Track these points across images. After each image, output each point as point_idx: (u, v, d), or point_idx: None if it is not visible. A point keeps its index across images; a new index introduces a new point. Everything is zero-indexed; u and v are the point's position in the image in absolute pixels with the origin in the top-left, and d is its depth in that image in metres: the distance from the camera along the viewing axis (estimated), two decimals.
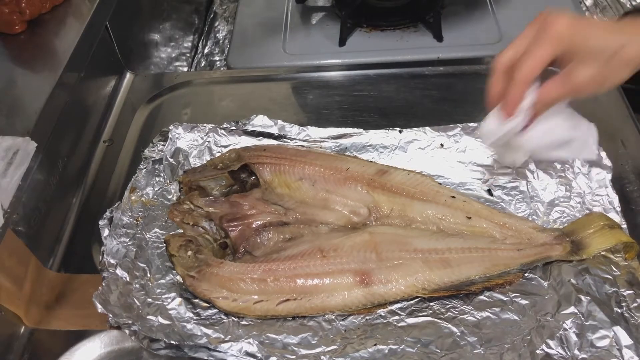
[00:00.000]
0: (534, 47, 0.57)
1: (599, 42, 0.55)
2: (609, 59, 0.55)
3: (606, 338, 0.55)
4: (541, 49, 0.56)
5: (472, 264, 0.62)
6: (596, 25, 0.57)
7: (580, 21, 0.56)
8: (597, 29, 0.56)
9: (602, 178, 0.68)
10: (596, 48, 0.55)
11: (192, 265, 0.63)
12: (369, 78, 0.91)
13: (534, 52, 0.57)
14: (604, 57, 0.55)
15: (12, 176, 0.62)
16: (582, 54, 0.56)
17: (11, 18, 0.77)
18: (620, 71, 0.57)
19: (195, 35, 1.19)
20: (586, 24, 0.56)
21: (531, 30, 0.58)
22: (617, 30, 0.57)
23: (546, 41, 0.56)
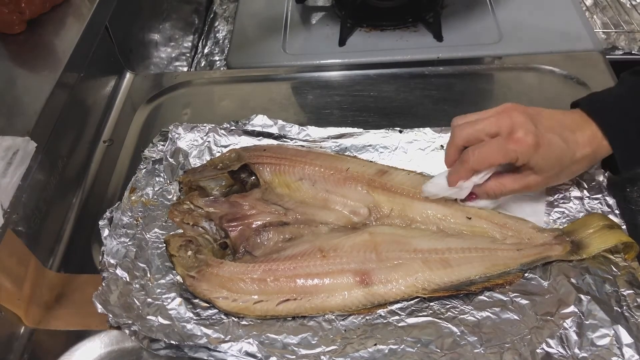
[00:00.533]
0: (490, 149, 0.60)
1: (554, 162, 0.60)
2: (559, 172, 0.62)
3: (606, 337, 0.55)
4: (495, 156, 0.60)
5: (472, 264, 0.62)
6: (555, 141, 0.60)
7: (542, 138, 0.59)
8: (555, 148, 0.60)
9: (602, 179, 0.68)
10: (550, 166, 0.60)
11: (192, 265, 0.63)
12: (369, 78, 0.91)
13: (488, 155, 0.60)
14: (554, 172, 0.61)
15: (12, 176, 0.62)
16: (537, 169, 0.60)
17: (11, 18, 0.77)
18: (565, 178, 0.65)
19: (195, 35, 1.19)
20: (547, 142, 0.59)
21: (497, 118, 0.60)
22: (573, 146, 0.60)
23: (503, 152, 0.59)
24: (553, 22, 0.99)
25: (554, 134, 0.60)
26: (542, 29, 0.98)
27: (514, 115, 0.59)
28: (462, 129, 0.62)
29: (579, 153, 0.61)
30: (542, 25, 0.99)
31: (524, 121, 0.59)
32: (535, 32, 0.98)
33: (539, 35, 0.97)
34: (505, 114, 0.60)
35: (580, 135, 0.61)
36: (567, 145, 0.60)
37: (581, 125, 0.62)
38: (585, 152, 0.61)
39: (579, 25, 0.98)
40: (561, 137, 0.60)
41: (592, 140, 0.61)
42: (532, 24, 1.00)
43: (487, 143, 0.60)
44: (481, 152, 0.60)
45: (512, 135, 0.59)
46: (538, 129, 0.59)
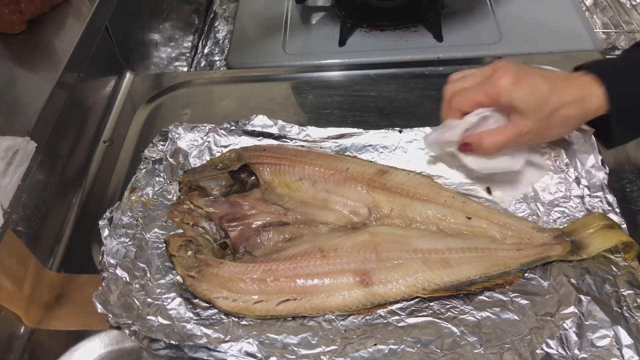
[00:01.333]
0: (472, 90, 0.63)
1: (539, 99, 0.60)
2: (549, 115, 0.61)
3: (606, 337, 0.55)
4: (477, 95, 0.63)
5: (472, 264, 0.62)
6: (539, 82, 0.60)
7: (525, 77, 0.60)
8: (539, 87, 0.60)
9: (602, 178, 0.68)
10: (535, 104, 0.60)
11: (192, 265, 0.63)
12: (369, 78, 0.91)
13: (470, 94, 0.64)
14: (543, 114, 0.61)
15: (12, 176, 0.62)
16: (522, 109, 0.61)
17: (11, 18, 0.77)
18: (559, 127, 0.63)
19: (195, 35, 1.19)
20: (530, 82, 0.60)
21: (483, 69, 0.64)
22: (559, 88, 0.60)
23: (483, 91, 0.62)
24: (553, 22, 0.99)
25: (539, 76, 0.61)
26: (542, 29, 0.98)
27: (499, 62, 0.62)
28: (451, 84, 0.66)
29: (566, 94, 0.60)
30: (542, 25, 0.99)
31: (506, 64, 0.61)
32: (535, 32, 0.98)
33: (538, 35, 0.97)
34: (491, 65, 0.63)
35: (571, 80, 0.61)
36: (552, 86, 0.60)
37: (576, 76, 0.62)
38: (574, 95, 0.60)
39: (579, 25, 0.98)
40: (546, 78, 0.61)
41: (583, 86, 0.61)
42: (532, 24, 0.99)
43: (472, 87, 0.64)
44: (463, 92, 0.64)
45: (493, 75, 0.61)
46: (520, 70, 0.61)
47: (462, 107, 0.64)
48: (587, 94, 0.61)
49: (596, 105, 0.61)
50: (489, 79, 0.62)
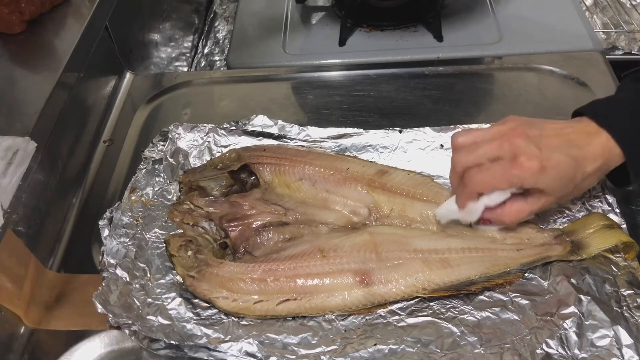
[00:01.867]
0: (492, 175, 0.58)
1: (565, 182, 0.58)
2: (572, 191, 0.60)
3: (606, 337, 0.55)
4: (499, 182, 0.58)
5: (472, 264, 0.62)
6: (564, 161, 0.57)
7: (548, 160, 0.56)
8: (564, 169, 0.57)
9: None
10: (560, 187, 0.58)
11: (192, 265, 0.63)
12: (369, 78, 0.91)
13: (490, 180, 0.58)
14: (568, 190, 0.59)
15: (12, 176, 0.62)
16: (547, 191, 0.58)
17: (11, 18, 0.77)
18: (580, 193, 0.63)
19: (195, 35, 1.19)
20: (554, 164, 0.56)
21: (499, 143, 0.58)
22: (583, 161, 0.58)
23: (507, 179, 0.57)
24: (553, 22, 0.99)
25: (561, 153, 0.57)
26: (542, 29, 0.98)
27: (516, 140, 0.57)
28: (462, 154, 0.60)
29: (589, 167, 0.59)
30: (542, 25, 0.99)
31: (527, 145, 0.56)
32: (535, 32, 0.98)
33: (539, 35, 0.97)
34: (506, 138, 0.57)
35: (588, 149, 0.59)
36: (576, 163, 0.58)
37: (589, 137, 0.59)
38: (597, 165, 0.59)
39: (579, 25, 0.98)
40: (569, 156, 0.57)
41: (603, 151, 0.59)
42: (532, 24, 0.99)
43: (489, 167, 0.58)
44: (483, 176, 0.58)
45: (516, 160, 0.56)
46: (543, 152, 0.56)
47: (479, 190, 0.59)
48: (608, 158, 0.59)
49: (615, 165, 0.60)
50: (512, 164, 0.56)
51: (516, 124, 0.59)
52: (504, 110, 0.82)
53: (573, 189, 0.60)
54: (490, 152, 0.58)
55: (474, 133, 0.60)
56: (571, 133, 0.59)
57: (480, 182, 0.58)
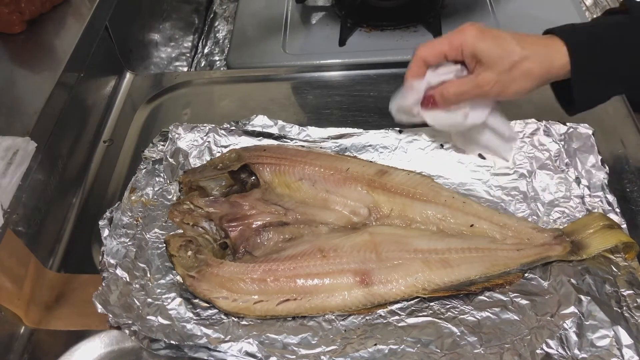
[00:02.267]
0: (438, 40, 0.65)
1: (501, 51, 0.61)
2: (511, 67, 0.61)
3: (606, 337, 0.55)
4: (442, 45, 0.64)
5: (472, 264, 0.62)
6: (504, 36, 0.62)
7: (489, 32, 0.62)
8: (503, 40, 0.61)
9: (602, 178, 0.68)
10: (498, 56, 0.61)
11: (192, 265, 0.63)
12: (369, 78, 0.91)
13: (435, 44, 0.65)
14: (505, 65, 0.61)
15: (12, 176, 0.62)
16: (485, 60, 0.62)
17: (11, 18, 0.77)
18: (521, 81, 0.63)
19: (195, 35, 1.19)
20: (494, 35, 0.62)
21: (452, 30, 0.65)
22: (523, 43, 0.62)
23: (448, 40, 0.63)
24: (553, 22, 0.98)
25: (505, 33, 0.62)
26: (542, 29, 0.97)
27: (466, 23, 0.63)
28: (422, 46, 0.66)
29: (529, 48, 0.61)
30: (542, 25, 0.98)
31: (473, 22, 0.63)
32: (535, 32, 0.97)
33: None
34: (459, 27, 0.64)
35: (536, 38, 0.63)
36: (516, 39, 0.61)
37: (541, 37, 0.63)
38: (538, 50, 0.61)
39: None
40: (511, 34, 0.62)
41: (548, 44, 0.62)
42: (532, 24, 0.98)
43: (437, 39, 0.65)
44: (427, 44, 0.64)
45: (461, 27, 0.63)
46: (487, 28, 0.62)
47: (426, 56, 0.64)
48: (551, 51, 0.61)
49: (559, 63, 0.61)
50: (453, 33, 0.63)
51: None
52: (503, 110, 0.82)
53: (510, 67, 0.61)
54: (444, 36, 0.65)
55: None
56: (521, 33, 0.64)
57: (427, 48, 0.64)
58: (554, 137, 0.73)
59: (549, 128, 0.73)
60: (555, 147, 0.72)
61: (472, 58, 0.63)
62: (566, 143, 0.72)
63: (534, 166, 0.71)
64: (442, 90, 0.65)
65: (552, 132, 0.73)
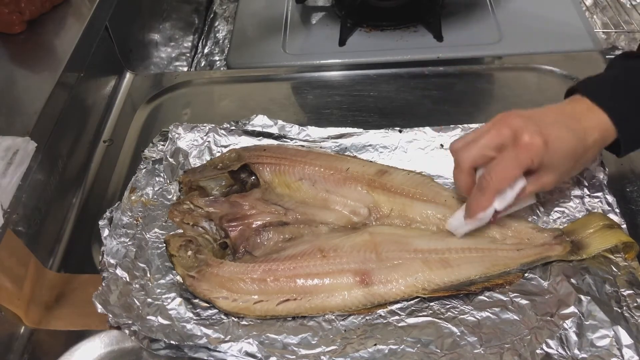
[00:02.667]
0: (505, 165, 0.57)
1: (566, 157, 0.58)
2: (574, 165, 0.60)
3: (606, 337, 0.55)
4: (513, 169, 0.57)
5: (472, 264, 0.62)
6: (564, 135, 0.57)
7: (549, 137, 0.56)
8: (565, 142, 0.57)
9: (602, 178, 0.68)
10: (561, 161, 0.58)
11: (192, 265, 0.63)
12: (369, 78, 0.91)
13: (506, 171, 0.57)
14: (569, 166, 0.59)
15: (12, 176, 0.62)
16: (551, 167, 0.58)
17: (11, 18, 0.77)
18: (580, 169, 0.64)
19: (195, 35, 1.19)
20: (554, 138, 0.56)
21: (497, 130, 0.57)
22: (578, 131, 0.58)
23: (518, 163, 0.56)
24: (553, 22, 0.99)
25: (560, 127, 0.57)
26: (542, 29, 0.98)
27: (513, 121, 0.57)
28: (464, 151, 0.59)
29: (589, 139, 0.58)
30: (542, 25, 0.99)
31: (525, 124, 0.56)
32: (535, 32, 0.98)
33: (539, 35, 0.97)
34: (503, 123, 0.57)
35: (586, 121, 0.59)
36: (576, 135, 0.57)
37: (584, 112, 0.59)
38: (595, 137, 0.59)
39: (579, 25, 0.98)
40: (568, 128, 0.57)
41: (599, 124, 0.59)
42: (532, 24, 0.99)
43: (500, 160, 0.57)
44: (497, 170, 0.57)
45: (519, 142, 0.56)
46: (541, 127, 0.56)
47: (500, 187, 0.58)
48: (605, 132, 0.59)
49: (610, 140, 0.60)
50: (517, 147, 0.56)
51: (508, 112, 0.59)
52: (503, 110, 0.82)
53: (575, 163, 0.59)
54: (491, 139, 0.57)
55: (470, 133, 0.60)
56: (565, 109, 0.60)
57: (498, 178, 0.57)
58: None
59: None
60: None
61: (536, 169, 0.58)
62: None
63: None
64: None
65: None
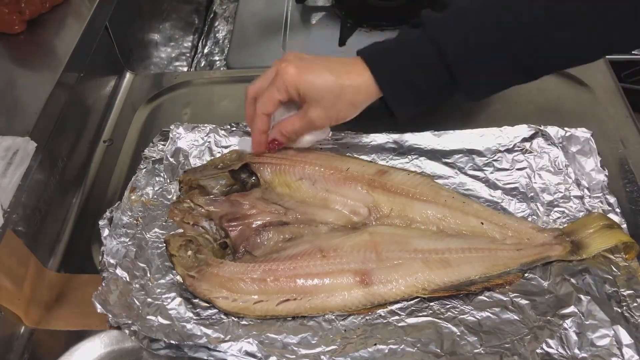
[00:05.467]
0: (269, 89, 0.66)
1: (321, 88, 0.64)
2: (334, 101, 0.65)
3: (606, 337, 0.55)
4: (273, 92, 0.66)
5: (472, 264, 0.62)
6: (319, 70, 0.65)
7: (305, 67, 0.65)
8: (320, 75, 0.65)
9: (602, 180, 0.68)
10: (319, 94, 0.65)
11: (192, 265, 0.63)
12: None
13: (267, 94, 0.66)
14: (329, 101, 0.65)
15: (12, 176, 0.62)
16: (310, 98, 0.65)
17: (11, 18, 0.77)
18: (347, 110, 0.67)
19: (195, 35, 1.19)
20: (310, 69, 0.65)
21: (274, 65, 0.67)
22: (338, 73, 0.65)
23: (276, 87, 0.65)
24: None
25: (321, 65, 0.65)
26: None
27: (285, 57, 0.66)
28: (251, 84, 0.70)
29: (347, 80, 0.64)
30: None
31: (291, 58, 0.65)
32: None
33: None
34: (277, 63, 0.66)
35: (350, 67, 0.65)
36: (333, 73, 0.64)
37: (353, 63, 0.65)
38: (353, 82, 0.65)
39: None
40: (328, 68, 0.65)
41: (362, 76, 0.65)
42: None
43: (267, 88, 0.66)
44: (262, 96, 0.67)
45: (278, 70, 0.65)
46: (302, 62, 0.65)
47: (266, 110, 0.67)
48: (364, 81, 0.65)
49: (373, 90, 0.65)
50: (276, 76, 0.65)
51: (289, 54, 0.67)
52: (503, 110, 0.82)
53: (334, 100, 0.65)
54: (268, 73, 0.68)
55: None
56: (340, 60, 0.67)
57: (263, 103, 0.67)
58: (553, 141, 0.73)
59: (547, 132, 0.73)
60: (554, 150, 0.72)
61: (298, 96, 0.65)
62: (565, 147, 0.72)
63: (533, 168, 0.71)
64: (280, 130, 0.69)
65: (551, 136, 0.73)
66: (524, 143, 0.73)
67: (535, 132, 0.73)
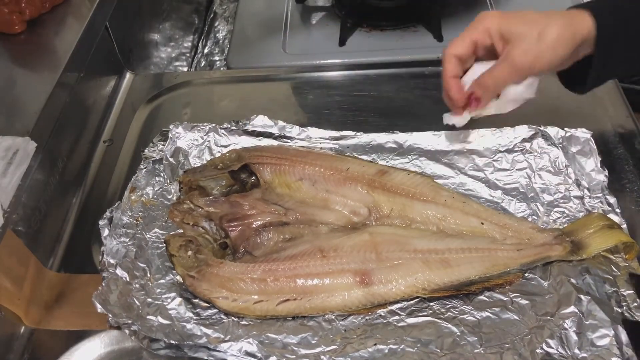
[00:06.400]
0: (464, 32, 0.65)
1: (525, 23, 0.61)
2: (539, 37, 0.61)
3: (606, 337, 0.55)
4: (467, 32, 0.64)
5: (472, 264, 0.62)
6: (525, 12, 0.63)
7: (509, 12, 0.64)
8: (524, 15, 0.62)
9: (602, 180, 0.68)
10: (523, 29, 0.61)
11: (192, 265, 0.63)
12: (369, 78, 0.91)
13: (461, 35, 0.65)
14: (533, 36, 0.61)
15: (12, 176, 0.62)
16: (512, 37, 0.62)
17: (11, 18, 0.77)
18: (552, 49, 0.61)
19: (195, 35, 1.19)
20: (513, 14, 0.63)
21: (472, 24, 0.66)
22: (546, 13, 0.62)
23: (473, 27, 0.64)
24: None
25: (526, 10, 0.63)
26: None
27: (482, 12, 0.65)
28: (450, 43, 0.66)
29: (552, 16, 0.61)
30: None
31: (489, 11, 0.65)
32: None
33: None
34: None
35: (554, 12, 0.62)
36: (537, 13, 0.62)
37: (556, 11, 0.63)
38: (560, 16, 0.61)
39: None
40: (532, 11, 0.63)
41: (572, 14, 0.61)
42: None
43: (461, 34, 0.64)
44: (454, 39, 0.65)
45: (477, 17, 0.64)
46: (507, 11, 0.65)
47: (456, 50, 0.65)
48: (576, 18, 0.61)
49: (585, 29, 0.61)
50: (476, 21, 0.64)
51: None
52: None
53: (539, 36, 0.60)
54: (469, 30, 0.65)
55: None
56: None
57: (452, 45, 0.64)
58: (553, 141, 0.73)
59: (548, 132, 0.73)
60: (554, 151, 0.72)
61: (500, 38, 0.62)
62: (565, 147, 0.72)
63: (533, 168, 0.71)
64: (479, 84, 0.64)
65: (551, 137, 0.73)
66: (524, 143, 0.73)
67: (535, 132, 0.73)
